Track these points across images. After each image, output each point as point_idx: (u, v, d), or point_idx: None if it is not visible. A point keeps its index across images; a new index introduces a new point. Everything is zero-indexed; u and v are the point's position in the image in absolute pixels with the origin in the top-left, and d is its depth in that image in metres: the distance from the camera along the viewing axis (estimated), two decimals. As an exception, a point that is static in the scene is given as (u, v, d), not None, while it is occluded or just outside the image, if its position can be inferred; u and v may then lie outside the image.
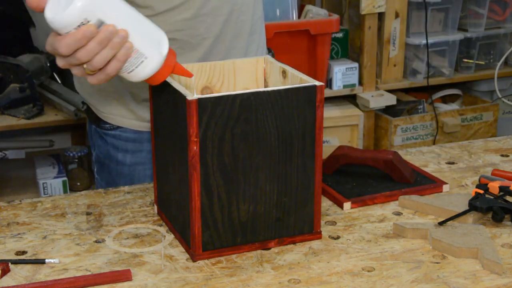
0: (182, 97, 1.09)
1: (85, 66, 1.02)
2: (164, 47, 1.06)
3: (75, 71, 1.05)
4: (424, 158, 1.57)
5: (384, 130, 2.83)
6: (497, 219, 1.25)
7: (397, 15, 2.78)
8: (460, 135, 2.91)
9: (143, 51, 1.03)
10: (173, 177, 1.20)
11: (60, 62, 1.04)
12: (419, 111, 2.94)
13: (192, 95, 1.08)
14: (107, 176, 1.58)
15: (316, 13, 2.75)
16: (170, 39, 1.14)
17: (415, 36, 2.85)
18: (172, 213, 1.23)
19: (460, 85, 3.13)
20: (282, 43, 2.55)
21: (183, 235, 1.19)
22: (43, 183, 2.66)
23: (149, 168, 1.53)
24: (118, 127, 1.52)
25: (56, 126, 2.93)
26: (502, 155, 1.58)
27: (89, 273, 1.11)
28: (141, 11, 1.08)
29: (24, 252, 1.17)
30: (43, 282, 1.08)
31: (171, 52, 1.09)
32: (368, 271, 1.12)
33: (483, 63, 3.03)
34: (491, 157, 1.57)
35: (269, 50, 1.75)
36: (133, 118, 1.50)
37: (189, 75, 1.14)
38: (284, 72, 1.26)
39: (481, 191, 1.28)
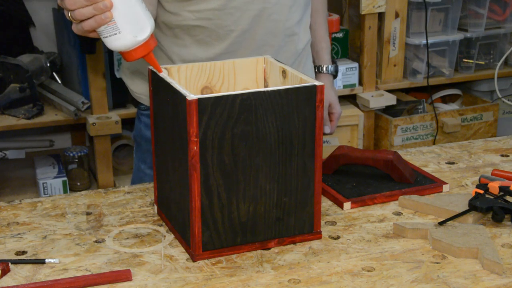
0: (182, 97, 1.09)
1: (70, 14, 1.18)
2: (142, 34, 1.18)
3: (65, 13, 1.20)
4: (424, 158, 1.57)
5: (384, 130, 2.83)
6: (497, 219, 1.24)
7: (397, 15, 2.78)
8: (460, 135, 2.90)
9: (120, 26, 1.17)
10: (173, 177, 1.20)
11: (58, 0, 1.20)
12: (419, 111, 2.94)
13: (191, 95, 1.08)
14: (140, 154, 1.68)
15: (316, 13, 2.75)
16: (198, 27, 1.45)
17: (415, 36, 2.85)
18: (172, 213, 1.23)
19: (460, 85, 3.12)
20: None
21: (183, 235, 1.19)
22: (43, 183, 2.66)
23: None
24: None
25: (56, 126, 2.93)
26: (502, 155, 1.58)
27: (89, 273, 1.11)
28: None
29: (24, 252, 1.17)
30: (43, 282, 1.08)
31: (150, 42, 1.20)
32: (368, 271, 1.12)
33: (483, 63, 3.03)
34: (491, 157, 1.57)
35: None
36: None
37: (159, 70, 1.22)
38: (284, 72, 1.26)
39: (481, 191, 1.28)
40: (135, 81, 1.62)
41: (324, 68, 1.74)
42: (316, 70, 1.72)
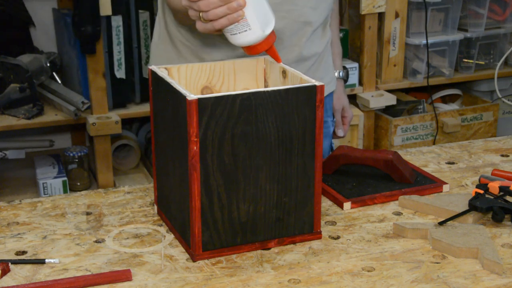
0: (182, 97, 1.09)
1: (201, 14, 1.21)
2: (268, 28, 1.23)
3: (191, 13, 1.23)
4: (424, 158, 1.57)
5: (384, 130, 2.83)
6: (497, 219, 1.24)
7: (397, 15, 2.78)
8: (460, 135, 2.90)
9: (250, 23, 1.21)
10: (173, 177, 1.20)
11: (184, 2, 1.23)
12: (419, 111, 2.94)
13: (191, 95, 1.08)
14: None
15: (316, 13, 2.75)
16: None
17: (415, 36, 2.85)
18: (172, 213, 1.23)
19: (460, 85, 3.12)
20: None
21: (183, 235, 1.19)
22: (43, 183, 2.66)
23: None
24: None
25: (56, 126, 2.93)
26: (502, 155, 1.58)
27: (89, 273, 1.11)
28: None
29: (24, 252, 1.17)
30: (43, 282, 1.08)
31: (272, 34, 1.25)
32: (368, 271, 1.12)
33: (483, 63, 3.03)
34: (491, 157, 1.57)
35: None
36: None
37: (279, 60, 1.27)
38: (284, 72, 1.26)
39: (481, 191, 1.28)
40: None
41: (336, 73, 1.75)
42: None
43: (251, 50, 1.25)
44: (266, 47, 1.24)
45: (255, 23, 1.21)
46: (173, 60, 1.58)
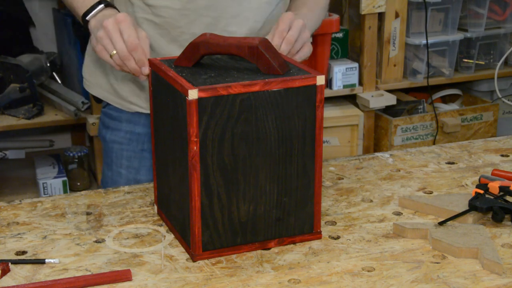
0: (182, 97, 1.09)
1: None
2: None
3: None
4: (424, 158, 1.57)
5: (384, 130, 2.83)
6: (497, 219, 1.24)
7: (397, 15, 2.78)
8: (460, 135, 2.90)
9: None
10: (173, 177, 1.20)
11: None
12: (419, 111, 2.94)
13: (191, 95, 1.07)
14: (103, 153, 1.68)
15: (316, 13, 2.75)
16: (151, 22, 1.44)
17: (415, 36, 2.85)
18: (172, 213, 1.23)
19: (460, 85, 3.12)
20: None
21: (183, 235, 1.19)
22: (43, 183, 2.66)
23: (126, 149, 1.59)
24: (107, 104, 1.61)
25: (56, 126, 2.93)
26: (502, 155, 1.58)
27: (89, 273, 1.11)
28: None
29: (24, 252, 1.17)
30: (43, 282, 1.08)
31: None
32: (368, 271, 1.12)
33: (483, 63, 3.03)
34: (491, 157, 1.57)
35: None
36: (113, 94, 1.56)
37: None
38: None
39: (481, 191, 1.28)
40: (96, 74, 1.60)
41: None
42: None
43: None
44: None
45: None
46: (97, 66, 1.59)
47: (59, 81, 2.80)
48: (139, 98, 1.54)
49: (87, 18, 1.34)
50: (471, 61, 2.99)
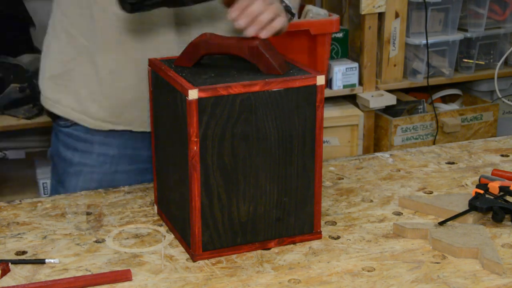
0: (182, 97, 1.09)
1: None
2: None
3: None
4: (424, 158, 1.57)
5: (384, 130, 2.83)
6: (497, 219, 1.24)
7: (397, 15, 2.78)
8: (460, 135, 2.90)
9: None
10: (173, 177, 1.20)
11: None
12: (419, 111, 2.94)
13: (191, 95, 1.08)
14: (56, 175, 1.54)
15: (316, 13, 2.75)
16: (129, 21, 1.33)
17: (415, 36, 2.85)
18: (172, 213, 1.23)
19: (460, 85, 3.12)
20: (282, 43, 2.55)
21: (183, 235, 1.19)
22: (43, 183, 2.66)
23: (97, 172, 1.47)
24: (72, 124, 1.47)
25: (56, 126, 2.92)
26: (502, 155, 1.58)
27: (89, 273, 1.11)
28: None
29: (24, 252, 1.17)
30: (43, 282, 1.08)
31: None
32: (368, 271, 1.12)
33: (483, 63, 3.03)
34: (491, 157, 1.57)
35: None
36: (81, 112, 1.45)
37: None
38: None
39: (481, 191, 1.28)
40: (59, 89, 1.47)
41: None
42: None
43: None
44: None
45: None
46: (59, 81, 1.47)
47: (59, 81, 2.79)
48: (114, 114, 1.43)
49: None
50: (471, 61, 2.99)
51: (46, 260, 1.14)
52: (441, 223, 1.23)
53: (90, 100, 1.43)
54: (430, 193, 1.39)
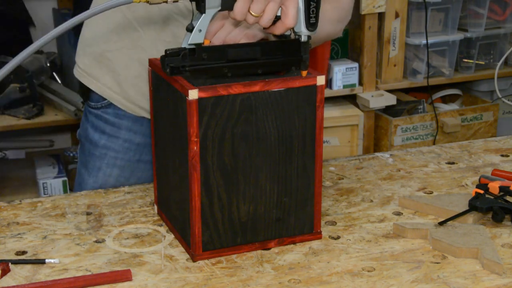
0: (182, 97, 1.09)
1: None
2: None
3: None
4: (424, 158, 1.57)
5: (384, 130, 2.83)
6: (497, 219, 1.24)
7: (397, 15, 2.78)
8: (460, 135, 2.91)
9: None
10: (173, 177, 1.20)
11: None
12: (419, 111, 2.94)
13: (191, 95, 1.08)
14: (83, 156, 1.55)
15: (316, 13, 2.75)
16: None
17: (415, 36, 2.85)
18: (172, 213, 1.23)
19: (460, 85, 3.13)
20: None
21: (183, 235, 1.19)
22: (43, 183, 2.66)
23: (121, 158, 1.50)
24: (103, 106, 1.49)
25: (56, 126, 2.93)
26: (502, 155, 1.58)
27: (89, 273, 1.11)
28: None
29: (24, 252, 1.17)
30: (43, 282, 1.08)
31: None
32: (368, 271, 1.12)
33: (483, 63, 3.03)
34: (491, 157, 1.57)
35: None
36: (118, 93, 1.46)
37: None
38: (284, 72, 1.25)
39: (481, 191, 1.28)
40: (101, 67, 1.47)
41: None
42: None
43: None
44: None
45: None
46: (103, 59, 1.48)
47: (59, 81, 2.79)
48: (148, 101, 1.44)
49: None
50: (471, 61, 2.99)
51: (46, 260, 1.14)
52: (441, 223, 1.23)
53: (130, 84, 1.45)
54: (430, 193, 1.39)
